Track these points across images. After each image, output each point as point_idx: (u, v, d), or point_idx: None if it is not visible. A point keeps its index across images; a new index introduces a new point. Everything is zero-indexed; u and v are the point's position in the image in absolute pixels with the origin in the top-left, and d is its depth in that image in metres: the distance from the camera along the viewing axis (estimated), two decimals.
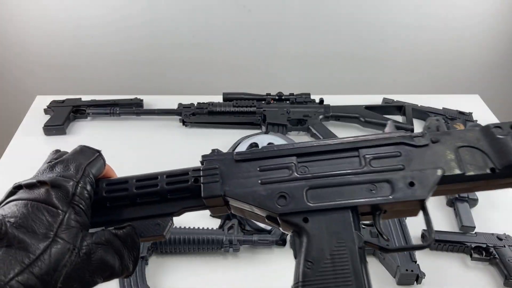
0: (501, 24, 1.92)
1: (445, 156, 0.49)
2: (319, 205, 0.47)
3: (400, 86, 2.04)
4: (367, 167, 0.49)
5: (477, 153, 0.49)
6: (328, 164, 0.50)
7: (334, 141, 0.51)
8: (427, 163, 0.49)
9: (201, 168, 0.50)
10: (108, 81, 1.99)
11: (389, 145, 0.50)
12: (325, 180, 0.49)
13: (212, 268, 0.98)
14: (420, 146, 0.50)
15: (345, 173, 0.49)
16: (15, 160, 1.30)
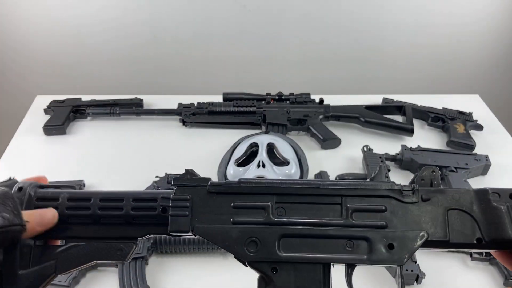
0: (501, 24, 1.92)
1: (433, 219, 0.45)
2: (290, 256, 0.44)
3: (400, 86, 2.03)
4: (348, 220, 0.45)
5: (467, 219, 0.45)
6: (307, 208, 0.46)
7: (317, 184, 0.47)
8: (412, 223, 0.45)
9: (170, 197, 0.46)
10: (108, 81, 1.99)
11: (375, 197, 0.46)
12: (301, 229, 0.45)
13: (212, 268, 0.98)
14: (408, 203, 0.46)
15: (323, 224, 0.45)
16: (15, 160, 1.30)
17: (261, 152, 1.18)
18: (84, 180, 1.18)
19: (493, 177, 1.23)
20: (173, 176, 0.48)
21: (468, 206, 0.45)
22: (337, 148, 1.35)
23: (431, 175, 0.48)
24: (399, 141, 1.36)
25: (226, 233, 0.45)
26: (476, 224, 0.45)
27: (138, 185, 1.17)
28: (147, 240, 0.97)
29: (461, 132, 1.36)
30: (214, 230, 0.45)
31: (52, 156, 1.32)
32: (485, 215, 0.45)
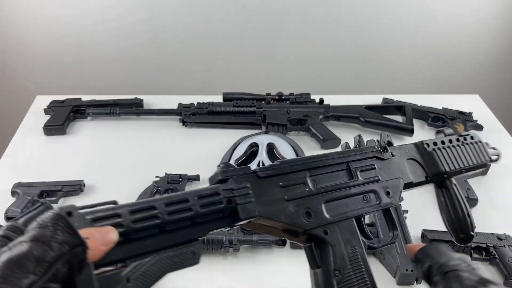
0: (501, 24, 1.92)
1: (401, 167, 0.61)
2: (334, 217, 0.52)
3: (400, 86, 2.04)
4: (358, 179, 0.56)
5: (416, 164, 0.64)
6: (329, 177, 0.54)
7: (331, 155, 0.55)
8: (392, 173, 0.59)
9: (232, 188, 0.47)
10: (108, 81, 1.99)
11: (366, 159, 0.58)
12: (335, 193, 0.53)
13: (212, 268, 0.98)
14: (385, 159, 0.60)
15: (346, 186, 0.54)
16: (15, 160, 1.30)
17: (261, 152, 1.18)
18: (84, 180, 1.18)
19: (493, 177, 1.23)
20: (218, 172, 0.49)
21: (415, 155, 0.64)
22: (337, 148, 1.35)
23: (387, 138, 0.62)
24: (399, 141, 1.36)
25: (285, 209, 0.49)
26: (421, 166, 0.64)
27: (138, 185, 1.17)
28: None
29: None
30: (275, 210, 0.48)
31: (52, 156, 1.32)
32: (425, 159, 0.64)
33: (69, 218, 0.35)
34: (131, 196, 1.14)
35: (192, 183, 1.20)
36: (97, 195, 1.17)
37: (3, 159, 1.30)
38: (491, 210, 1.12)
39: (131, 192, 1.15)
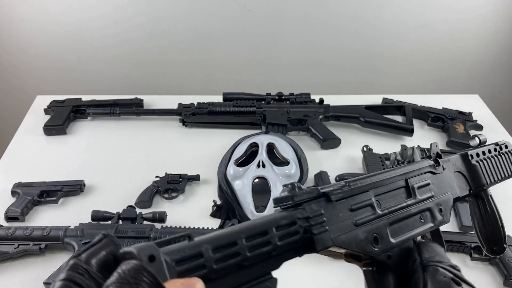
0: (501, 25, 1.92)
1: (451, 182, 0.57)
2: (398, 241, 0.49)
3: (400, 86, 2.04)
4: (416, 198, 0.52)
5: (461, 177, 0.61)
6: (392, 196, 0.51)
7: (393, 173, 0.52)
8: (443, 188, 0.56)
9: (308, 216, 0.43)
10: (108, 81, 1.99)
11: (422, 174, 0.55)
12: (397, 214, 0.50)
13: None
14: (437, 174, 0.56)
15: (406, 206, 0.51)
16: (15, 160, 1.30)
17: (261, 152, 1.18)
18: (84, 180, 1.18)
19: None
20: (290, 196, 0.42)
21: (461, 167, 0.61)
22: (337, 148, 1.35)
23: (436, 149, 0.58)
24: (399, 141, 1.37)
25: (356, 237, 0.45)
26: (466, 179, 0.61)
27: (138, 185, 1.17)
28: (147, 240, 0.97)
29: (461, 132, 1.36)
30: (347, 238, 0.45)
31: (52, 156, 1.32)
32: (469, 172, 0.62)
33: (152, 264, 0.31)
34: (131, 196, 1.14)
35: (192, 183, 1.20)
36: (97, 195, 1.17)
37: (3, 159, 1.30)
38: None
39: (131, 192, 1.15)
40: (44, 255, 1.00)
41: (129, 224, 1.02)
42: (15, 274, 0.96)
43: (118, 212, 1.04)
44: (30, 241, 0.98)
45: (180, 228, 1.01)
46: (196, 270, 0.34)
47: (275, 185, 1.09)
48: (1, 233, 0.99)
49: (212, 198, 1.13)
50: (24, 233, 0.99)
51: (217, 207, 1.10)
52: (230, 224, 1.03)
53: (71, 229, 1.00)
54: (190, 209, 1.13)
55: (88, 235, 0.99)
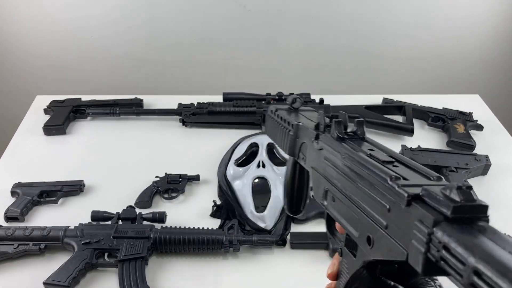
0: (501, 24, 1.92)
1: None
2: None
3: (400, 86, 2.04)
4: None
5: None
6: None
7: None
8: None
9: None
10: (108, 81, 1.99)
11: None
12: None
13: (212, 268, 0.98)
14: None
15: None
16: (15, 160, 1.30)
17: (261, 152, 1.18)
18: (84, 180, 1.18)
19: (493, 177, 1.23)
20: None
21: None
22: None
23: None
24: (399, 141, 1.36)
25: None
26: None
27: (138, 185, 1.17)
28: (147, 240, 0.97)
29: (461, 132, 1.36)
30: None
31: (52, 156, 1.32)
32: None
33: None
34: (131, 196, 1.14)
35: (192, 183, 1.20)
36: (97, 195, 1.17)
37: (3, 159, 1.30)
38: (491, 210, 1.12)
39: (131, 192, 1.15)
40: (44, 255, 1.00)
41: (129, 224, 1.02)
42: (14, 274, 0.96)
43: (118, 212, 1.04)
44: (30, 241, 0.98)
45: (180, 228, 1.01)
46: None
47: (275, 185, 1.09)
48: (1, 233, 0.99)
49: (212, 198, 1.13)
50: (24, 233, 0.98)
51: (217, 207, 1.10)
52: (230, 224, 1.02)
53: (71, 229, 1.00)
54: (190, 209, 1.13)
55: (88, 235, 0.99)
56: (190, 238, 0.98)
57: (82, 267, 0.92)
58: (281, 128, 0.65)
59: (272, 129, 0.70)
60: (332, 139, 0.51)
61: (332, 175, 0.49)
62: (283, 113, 0.66)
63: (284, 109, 0.67)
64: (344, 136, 0.50)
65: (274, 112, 0.69)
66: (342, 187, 0.47)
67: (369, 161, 0.42)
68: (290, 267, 0.98)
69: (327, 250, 1.00)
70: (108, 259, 0.98)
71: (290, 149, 0.61)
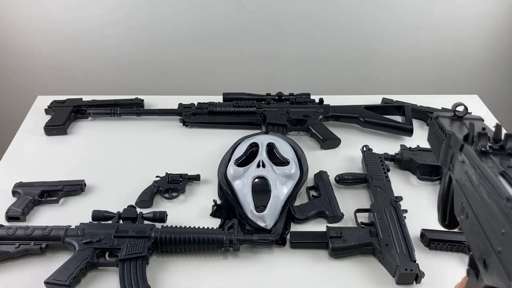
0: (500, 25, 1.92)
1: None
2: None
3: (400, 87, 2.04)
4: None
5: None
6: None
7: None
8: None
9: None
10: (108, 81, 1.99)
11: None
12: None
13: (212, 267, 0.99)
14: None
15: None
16: (16, 159, 1.30)
17: (261, 152, 1.18)
18: (85, 180, 1.19)
19: None
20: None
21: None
22: (337, 148, 1.35)
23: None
24: (399, 141, 1.37)
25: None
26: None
27: (139, 185, 1.17)
28: (148, 240, 0.98)
29: None
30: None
31: (53, 156, 1.32)
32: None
33: None
34: (131, 196, 1.14)
35: (192, 183, 1.21)
36: (98, 195, 1.18)
37: (4, 159, 1.31)
38: None
39: (132, 192, 1.15)
40: (45, 254, 1.00)
41: (129, 224, 1.02)
42: (16, 274, 0.96)
43: (119, 211, 1.04)
44: (31, 241, 0.98)
45: (180, 228, 1.01)
46: None
47: (275, 185, 1.10)
48: (2, 233, 0.99)
49: (212, 198, 1.14)
50: (25, 232, 0.99)
51: (217, 207, 1.11)
52: (230, 224, 1.03)
53: (72, 228, 1.01)
54: (190, 209, 1.13)
55: (88, 234, 0.99)
56: (190, 237, 0.98)
57: (83, 266, 0.93)
58: (437, 137, 0.65)
59: (431, 137, 0.70)
60: (474, 152, 0.48)
61: (468, 191, 0.48)
62: (442, 121, 0.66)
63: (447, 116, 0.67)
64: (487, 150, 0.47)
65: (435, 119, 0.68)
66: (474, 205, 0.45)
67: (495, 180, 0.40)
68: (290, 266, 0.99)
69: (327, 249, 1.01)
70: (109, 259, 0.98)
71: (442, 159, 0.60)
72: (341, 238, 0.99)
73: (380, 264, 0.98)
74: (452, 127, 0.63)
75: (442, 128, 0.63)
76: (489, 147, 0.48)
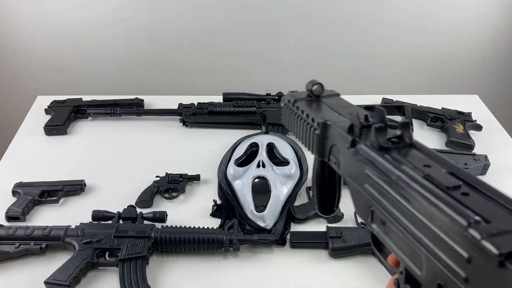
0: (500, 25, 1.92)
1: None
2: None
3: (400, 86, 2.04)
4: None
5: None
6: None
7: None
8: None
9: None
10: (108, 81, 1.99)
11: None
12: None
13: (212, 268, 0.99)
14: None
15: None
16: (16, 159, 1.30)
17: (261, 152, 1.18)
18: (85, 180, 1.19)
19: (492, 177, 1.24)
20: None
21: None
22: None
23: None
24: None
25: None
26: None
27: (139, 185, 1.17)
28: (148, 240, 0.98)
29: (460, 132, 1.37)
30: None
31: (53, 156, 1.32)
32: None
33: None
34: (131, 196, 1.14)
35: (192, 183, 1.21)
36: (98, 195, 1.18)
37: (4, 159, 1.31)
38: None
39: (132, 192, 1.15)
40: (45, 254, 1.00)
41: (129, 224, 1.02)
42: (15, 274, 0.96)
43: (119, 211, 1.04)
44: (31, 241, 0.98)
45: (180, 228, 1.01)
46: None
47: (275, 185, 1.10)
48: (2, 233, 0.99)
49: (212, 198, 1.14)
50: (25, 232, 0.99)
51: (217, 207, 1.11)
52: (230, 223, 1.03)
53: (72, 228, 1.01)
54: (190, 209, 1.13)
55: (88, 234, 0.99)
56: (190, 237, 0.98)
57: (83, 266, 0.93)
58: (304, 125, 0.56)
59: (291, 123, 0.61)
60: (372, 149, 0.41)
61: (379, 197, 0.40)
62: (303, 105, 0.57)
63: (304, 99, 0.59)
64: (388, 145, 0.40)
65: (293, 104, 0.60)
66: (397, 215, 0.37)
67: (432, 189, 0.33)
68: (290, 266, 0.99)
69: (327, 249, 1.01)
70: (109, 259, 0.98)
71: (318, 151, 0.53)
72: (341, 238, 1.00)
73: (380, 264, 0.98)
74: (312, 108, 0.56)
75: (309, 116, 0.55)
76: (387, 139, 0.41)
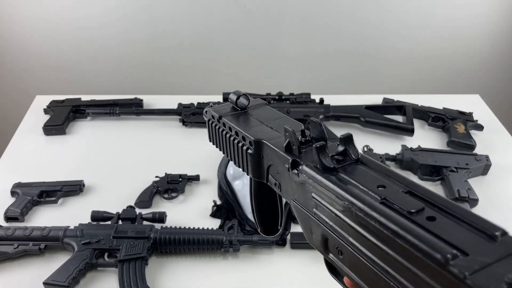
0: (501, 24, 1.91)
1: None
2: None
3: (401, 86, 2.03)
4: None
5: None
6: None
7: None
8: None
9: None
10: (108, 81, 1.99)
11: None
12: None
13: (212, 268, 0.98)
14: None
15: None
16: (15, 160, 1.30)
17: None
18: (84, 180, 1.18)
19: (493, 177, 1.23)
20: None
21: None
22: None
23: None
24: (400, 141, 1.36)
25: None
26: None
27: (138, 185, 1.16)
28: (147, 240, 0.97)
29: (462, 132, 1.36)
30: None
31: (52, 156, 1.31)
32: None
33: None
34: (131, 196, 1.14)
35: (192, 183, 1.20)
36: (97, 195, 1.17)
37: (2, 159, 1.30)
38: (491, 210, 1.12)
39: (131, 192, 1.15)
40: (44, 255, 1.00)
41: (128, 224, 1.02)
42: (14, 274, 0.96)
43: (118, 212, 1.04)
44: (30, 241, 0.98)
45: (180, 229, 1.01)
46: None
47: None
48: (1, 233, 0.98)
49: (212, 198, 1.13)
50: (24, 233, 0.98)
51: (217, 207, 1.10)
52: (230, 224, 1.02)
53: (71, 229, 1.00)
54: (190, 209, 1.13)
55: (87, 235, 0.98)
56: (190, 238, 0.98)
57: (82, 267, 0.92)
58: (235, 143, 0.51)
59: (219, 141, 0.55)
60: (316, 171, 0.37)
61: (332, 225, 0.37)
62: (230, 121, 0.52)
63: (229, 113, 0.53)
64: (333, 165, 0.37)
65: (218, 120, 0.54)
66: (357, 246, 0.34)
67: (394, 218, 0.30)
68: (290, 267, 0.98)
69: None
70: (108, 259, 0.98)
71: (254, 172, 0.48)
72: None
73: None
74: (240, 124, 0.50)
75: (238, 133, 0.49)
76: (331, 156, 0.37)
